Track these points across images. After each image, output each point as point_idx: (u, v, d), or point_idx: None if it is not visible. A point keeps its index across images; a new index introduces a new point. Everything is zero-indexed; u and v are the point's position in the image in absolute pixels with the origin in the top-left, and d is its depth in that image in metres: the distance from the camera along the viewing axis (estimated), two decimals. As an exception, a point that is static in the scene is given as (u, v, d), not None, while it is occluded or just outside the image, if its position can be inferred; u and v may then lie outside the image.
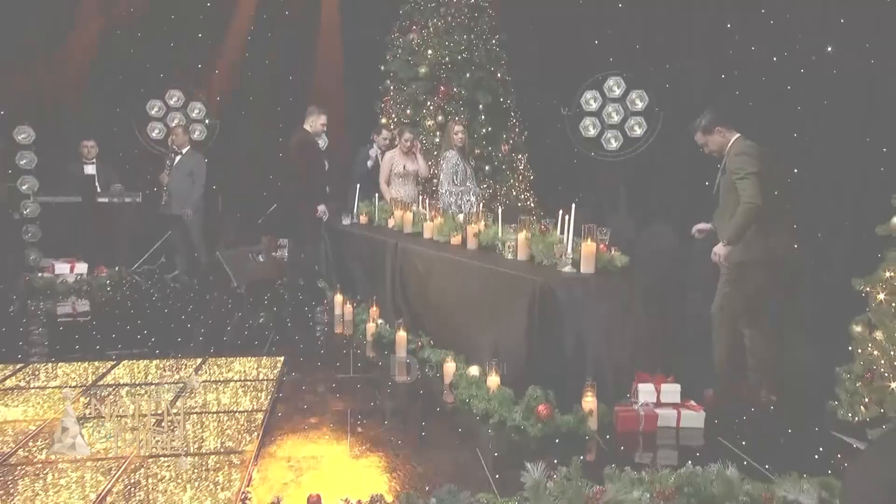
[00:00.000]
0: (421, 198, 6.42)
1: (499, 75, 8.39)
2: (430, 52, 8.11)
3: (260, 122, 9.49)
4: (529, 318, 3.63)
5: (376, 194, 6.87)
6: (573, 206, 3.79)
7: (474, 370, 4.11)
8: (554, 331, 3.59)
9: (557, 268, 3.83)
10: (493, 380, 3.83)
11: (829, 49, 5.36)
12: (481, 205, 6.08)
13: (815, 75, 5.50)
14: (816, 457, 3.31)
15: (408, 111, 8.15)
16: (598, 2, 8.25)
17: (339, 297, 6.22)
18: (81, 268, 7.38)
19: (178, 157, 7.65)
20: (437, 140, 7.93)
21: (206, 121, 9.09)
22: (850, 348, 3.73)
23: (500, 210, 4.66)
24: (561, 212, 4.08)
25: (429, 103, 8.13)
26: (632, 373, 3.71)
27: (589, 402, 3.51)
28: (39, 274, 7.23)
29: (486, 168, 8.07)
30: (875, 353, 3.45)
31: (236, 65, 9.47)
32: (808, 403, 3.94)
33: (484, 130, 8.05)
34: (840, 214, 5.21)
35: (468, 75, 8.04)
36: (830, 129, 5.35)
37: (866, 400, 3.53)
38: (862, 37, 5.12)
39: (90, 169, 7.85)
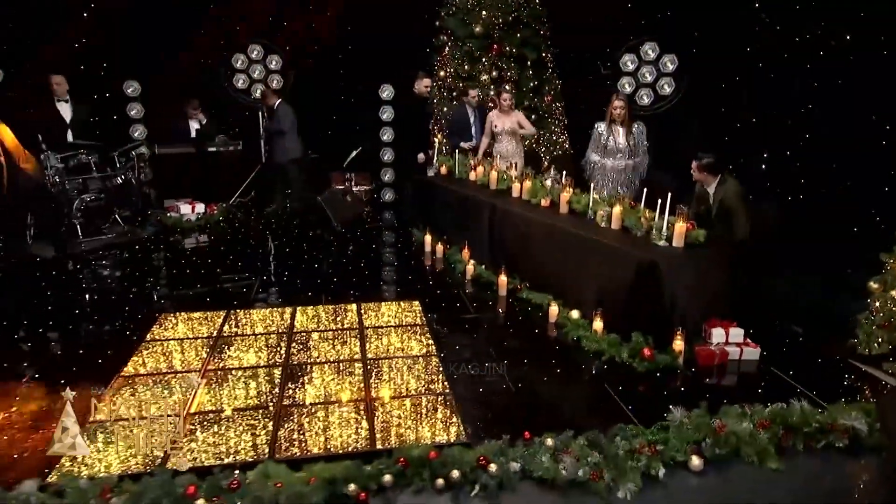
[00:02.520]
0: (495, 156, 6.73)
1: (541, 32, 8.52)
2: (483, 13, 8.17)
3: (326, 71, 9.55)
4: (636, 282, 4.20)
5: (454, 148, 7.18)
6: (669, 194, 4.27)
7: (575, 314, 4.73)
8: (653, 292, 4.17)
9: (652, 241, 4.36)
10: (598, 324, 4.45)
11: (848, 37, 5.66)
12: (637, 181, 5.82)
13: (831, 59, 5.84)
14: (846, 383, 4.05)
15: (465, 66, 8.32)
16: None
17: (428, 238, 6.71)
18: (200, 207, 7.74)
19: (270, 113, 7.86)
20: (492, 93, 8.18)
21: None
22: (867, 301, 4.40)
23: (592, 185, 5.10)
24: (648, 194, 4.58)
25: (483, 59, 8.30)
26: (704, 320, 4.35)
27: (679, 344, 4.15)
28: (168, 214, 7.59)
29: (533, 117, 8.36)
30: (894, 308, 4.11)
31: (303, 17, 9.42)
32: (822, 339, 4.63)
33: (532, 84, 8.30)
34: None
35: (518, 35, 8.17)
36: (842, 107, 5.76)
37: (880, 340, 4.24)
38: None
39: (195, 124, 8.04)
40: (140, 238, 6.96)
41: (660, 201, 4.33)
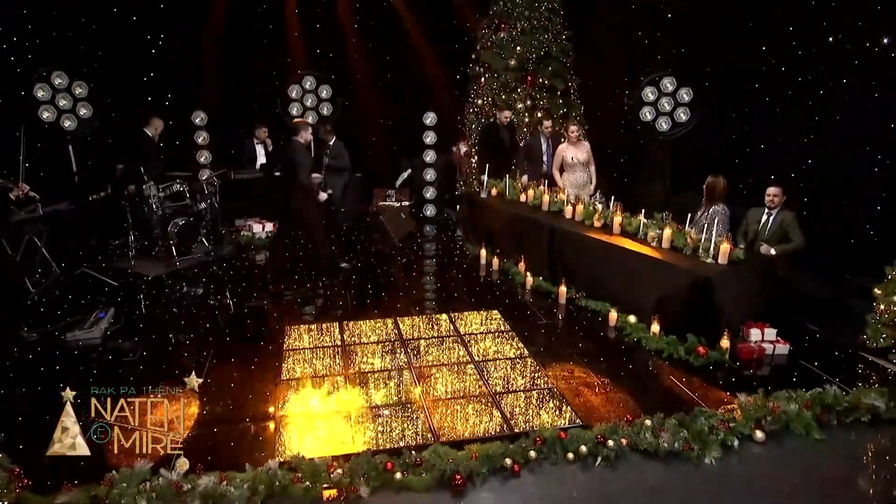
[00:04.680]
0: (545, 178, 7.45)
1: (567, 64, 9.34)
2: (518, 48, 8.96)
3: (368, 98, 10.29)
4: (690, 292, 5.03)
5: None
6: (717, 221, 5.10)
7: (633, 318, 5.54)
8: (705, 300, 5.00)
9: (701, 259, 5.20)
10: (656, 327, 5.26)
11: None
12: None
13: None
14: (859, 371, 4.92)
15: (502, 96, 9.10)
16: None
17: (483, 251, 7.47)
18: (269, 227, 8.41)
19: (328, 149, 8.56)
20: (527, 119, 8.97)
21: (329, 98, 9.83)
22: (874, 303, 5.28)
23: (643, 211, 5.90)
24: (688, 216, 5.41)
25: (518, 90, 9.09)
26: (743, 322, 5.19)
27: (725, 342, 4.98)
28: (242, 232, 8.25)
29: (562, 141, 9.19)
30: (895, 309, 5.00)
31: (346, 49, 10.16)
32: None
33: (562, 111, 9.12)
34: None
35: (550, 68, 8.98)
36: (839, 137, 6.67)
37: (884, 336, 5.12)
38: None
39: (262, 149, 8.71)
40: (222, 255, 7.63)
41: (706, 225, 5.16)
